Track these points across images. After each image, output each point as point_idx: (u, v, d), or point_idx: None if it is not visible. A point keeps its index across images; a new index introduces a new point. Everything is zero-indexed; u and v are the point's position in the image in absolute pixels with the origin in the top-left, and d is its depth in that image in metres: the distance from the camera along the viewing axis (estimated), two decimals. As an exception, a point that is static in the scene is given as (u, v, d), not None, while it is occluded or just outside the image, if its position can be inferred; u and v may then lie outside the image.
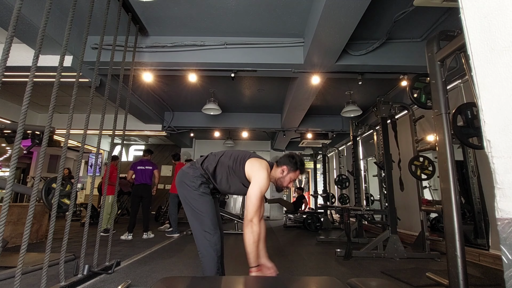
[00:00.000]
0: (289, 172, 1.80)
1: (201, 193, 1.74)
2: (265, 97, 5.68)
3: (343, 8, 2.43)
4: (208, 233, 1.67)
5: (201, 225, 1.69)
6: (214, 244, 1.66)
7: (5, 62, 1.58)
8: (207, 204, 1.74)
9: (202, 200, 1.73)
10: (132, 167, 4.98)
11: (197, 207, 1.71)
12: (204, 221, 1.69)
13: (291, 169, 1.79)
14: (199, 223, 1.70)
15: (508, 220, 0.66)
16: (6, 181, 1.62)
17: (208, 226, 1.68)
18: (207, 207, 1.73)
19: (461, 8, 0.80)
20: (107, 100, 2.78)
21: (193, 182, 1.74)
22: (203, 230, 1.68)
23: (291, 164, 1.79)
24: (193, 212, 1.72)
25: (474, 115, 1.96)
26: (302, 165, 1.82)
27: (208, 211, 1.72)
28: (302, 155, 10.02)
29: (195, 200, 1.72)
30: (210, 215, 1.71)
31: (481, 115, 0.74)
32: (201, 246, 1.67)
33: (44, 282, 1.85)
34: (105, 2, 2.68)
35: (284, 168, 1.80)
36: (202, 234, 1.67)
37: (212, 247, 1.65)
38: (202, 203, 1.72)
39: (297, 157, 1.82)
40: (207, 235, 1.66)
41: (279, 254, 3.59)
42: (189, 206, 1.73)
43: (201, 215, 1.70)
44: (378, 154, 4.76)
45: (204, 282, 1.20)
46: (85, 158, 9.42)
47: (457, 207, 1.52)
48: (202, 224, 1.69)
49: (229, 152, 1.85)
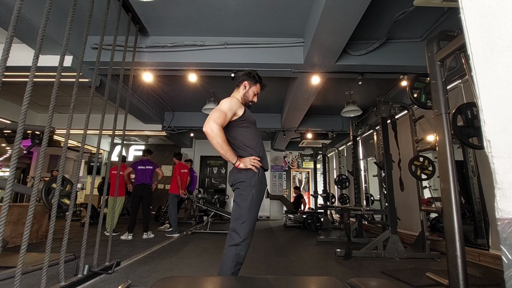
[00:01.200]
0: (251, 86, 1.93)
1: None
2: (265, 97, 5.68)
3: (343, 8, 2.43)
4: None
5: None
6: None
7: (5, 62, 1.58)
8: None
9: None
10: (132, 166, 4.98)
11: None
12: None
13: (251, 82, 1.93)
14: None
15: (508, 220, 0.66)
16: (6, 181, 1.62)
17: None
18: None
19: (461, 8, 0.80)
20: (107, 100, 2.78)
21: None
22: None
23: (250, 78, 1.93)
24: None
25: (474, 115, 1.96)
26: (260, 78, 1.97)
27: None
28: (302, 155, 10.05)
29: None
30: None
31: (481, 115, 0.74)
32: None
33: (44, 282, 1.85)
34: (105, 2, 2.68)
35: (245, 83, 1.93)
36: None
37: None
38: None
39: (253, 72, 1.96)
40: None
41: (279, 254, 3.59)
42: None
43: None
44: (378, 154, 4.76)
45: (204, 282, 1.20)
46: (85, 158, 9.42)
47: (457, 207, 1.52)
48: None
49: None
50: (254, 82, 1.94)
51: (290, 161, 10.06)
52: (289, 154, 10.07)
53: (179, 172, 5.39)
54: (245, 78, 1.94)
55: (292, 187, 9.74)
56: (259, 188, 1.73)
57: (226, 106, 1.73)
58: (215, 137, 1.62)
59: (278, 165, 9.70)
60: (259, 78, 1.96)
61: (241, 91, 1.94)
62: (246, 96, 1.93)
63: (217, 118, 1.64)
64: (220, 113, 1.68)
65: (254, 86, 1.95)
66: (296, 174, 10.08)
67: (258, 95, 1.99)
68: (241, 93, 1.93)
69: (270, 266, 2.97)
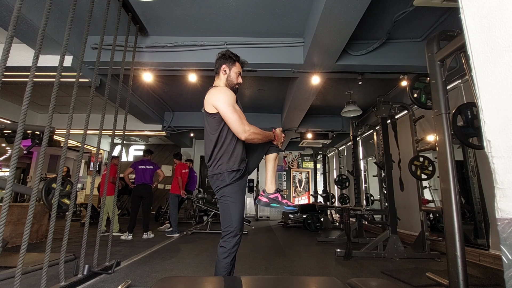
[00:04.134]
0: (230, 68, 1.77)
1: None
2: (265, 97, 5.68)
3: (343, 8, 2.43)
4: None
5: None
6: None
7: (5, 62, 1.58)
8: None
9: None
10: (132, 166, 4.98)
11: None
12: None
13: (229, 64, 1.77)
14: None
15: (508, 220, 0.66)
16: (6, 181, 1.62)
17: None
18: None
19: (461, 8, 0.80)
20: (107, 100, 2.78)
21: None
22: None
23: (226, 59, 1.77)
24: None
25: (474, 115, 1.96)
26: (237, 56, 1.80)
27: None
28: (302, 155, 10.05)
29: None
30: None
31: (481, 115, 0.74)
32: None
33: (44, 282, 1.85)
34: (105, 2, 2.68)
35: (223, 67, 1.77)
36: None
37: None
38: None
39: (227, 52, 1.79)
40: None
41: (279, 254, 3.59)
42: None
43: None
44: (378, 154, 4.75)
45: (204, 282, 1.20)
46: (85, 158, 9.42)
47: (457, 207, 1.52)
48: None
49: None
50: (232, 62, 1.78)
51: (290, 161, 10.07)
52: (289, 154, 10.07)
53: (180, 172, 5.39)
54: (222, 62, 1.77)
55: (292, 188, 9.76)
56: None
57: (229, 100, 1.60)
58: (255, 137, 1.59)
59: (278, 165, 9.69)
60: (236, 56, 1.80)
61: (223, 78, 1.78)
62: (230, 80, 1.77)
63: (240, 119, 1.55)
64: (235, 112, 1.57)
65: (234, 66, 1.78)
66: (296, 174, 10.08)
67: (241, 74, 1.83)
68: (224, 79, 1.77)
69: (270, 266, 2.97)
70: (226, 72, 1.77)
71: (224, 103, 1.59)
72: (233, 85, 1.78)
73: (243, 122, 1.55)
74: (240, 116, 1.56)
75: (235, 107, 1.60)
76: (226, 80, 1.77)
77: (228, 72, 1.77)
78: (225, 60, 1.77)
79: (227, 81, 1.77)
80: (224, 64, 1.77)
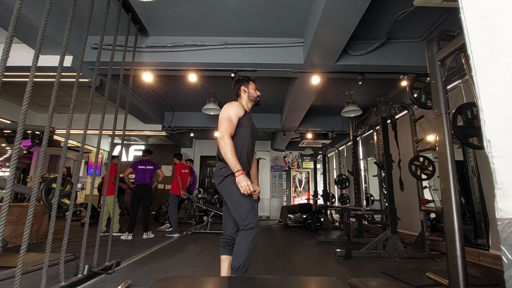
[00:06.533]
0: (247, 87, 2.10)
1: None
2: (265, 97, 5.68)
3: (343, 8, 2.43)
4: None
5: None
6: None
7: (5, 62, 1.58)
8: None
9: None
10: (132, 166, 4.97)
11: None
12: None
13: (245, 84, 2.10)
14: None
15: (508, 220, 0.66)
16: (6, 181, 1.62)
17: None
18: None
19: (461, 8, 0.80)
20: (107, 100, 2.78)
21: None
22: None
23: (242, 82, 2.10)
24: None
25: (474, 115, 1.96)
26: (248, 76, 2.15)
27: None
28: (302, 155, 10.05)
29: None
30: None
31: (481, 115, 0.74)
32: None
33: (44, 282, 1.85)
34: (105, 2, 2.68)
35: (242, 88, 2.09)
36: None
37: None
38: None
39: (240, 76, 2.14)
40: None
41: (279, 254, 3.59)
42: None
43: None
44: (378, 154, 4.76)
45: (204, 282, 1.20)
46: (85, 158, 9.42)
47: (457, 207, 1.52)
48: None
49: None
50: (247, 82, 2.11)
51: (290, 161, 10.06)
52: (289, 154, 10.07)
53: (179, 172, 5.39)
54: (240, 85, 2.09)
55: (292, 188, 9.75)
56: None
57: (232, 112, 1.87)
58: (222, 149, 1.76)
59: (278, 165, 9.70)
60: (247, 77, 2.13)
61: (244, 96, 2.09)
62: (251, 96, 2.09)
63: (227, 129, 1.80)
64: (228, 122, 1.83)
65: (249, 84, 2.11)
66: (296, 174, 10.07)
67: (257, 88, 2.15)
68: (245, 97, 2.09)
69: (270, 266, 2.97)
70: (246, 91, 2.10)
71: (224, 114, 1.87)
72: (254, 98, 2.12)
73: (226, 131, 1.80)
74: (228, 127, 1.82)
75: (231, 119, 1.85)
76: (248, 97, 2.10)
77: (248, 90, 2.10)
78: (241, 83, 2.10)
79: (249, 98, 2.10)
80: (242, 86, 2.10)
